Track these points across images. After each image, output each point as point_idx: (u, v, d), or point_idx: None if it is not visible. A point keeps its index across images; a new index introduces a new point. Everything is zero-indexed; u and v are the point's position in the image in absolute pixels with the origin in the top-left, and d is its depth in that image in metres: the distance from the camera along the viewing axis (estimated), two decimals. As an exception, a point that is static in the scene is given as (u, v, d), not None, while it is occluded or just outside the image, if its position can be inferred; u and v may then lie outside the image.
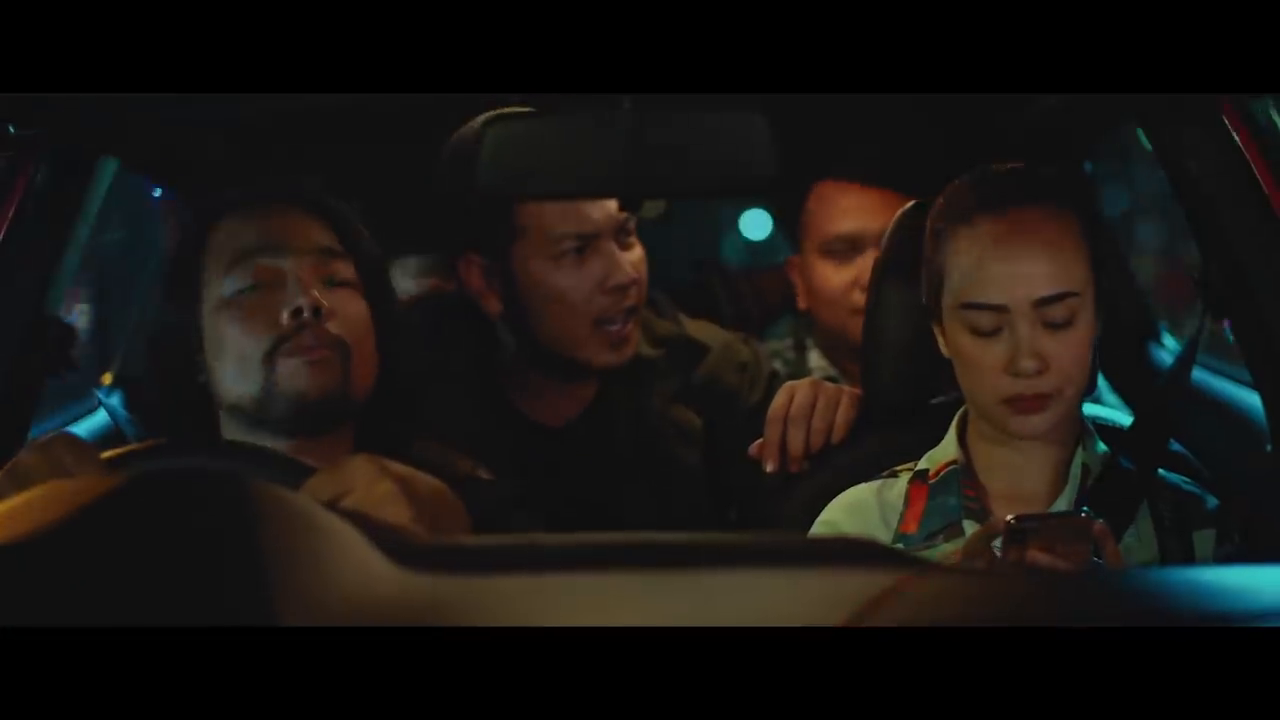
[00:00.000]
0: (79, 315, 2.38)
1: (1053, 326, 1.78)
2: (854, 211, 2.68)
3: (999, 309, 1.79)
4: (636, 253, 2.31)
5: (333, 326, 1.85)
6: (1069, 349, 1.79)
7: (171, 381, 1.94)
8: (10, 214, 2.12)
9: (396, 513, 1.61)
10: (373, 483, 1.63)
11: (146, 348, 2.03)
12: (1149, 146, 2.22)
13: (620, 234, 2.28)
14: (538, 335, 2.30)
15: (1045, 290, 1.78)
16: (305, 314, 1.83)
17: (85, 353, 2.60)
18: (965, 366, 1.84)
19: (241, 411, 1.89)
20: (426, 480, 1.70)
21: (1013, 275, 1.78)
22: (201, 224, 1.95)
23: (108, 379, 2.87)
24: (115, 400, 2.74)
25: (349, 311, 1.89)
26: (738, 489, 2.38)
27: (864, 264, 2.62)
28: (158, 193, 2.91)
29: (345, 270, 1.91)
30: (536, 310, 2.28)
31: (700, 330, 2.49)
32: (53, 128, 2.10)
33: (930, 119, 2.69)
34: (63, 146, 2.16)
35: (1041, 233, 1.79)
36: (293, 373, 1.83)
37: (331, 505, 1.58)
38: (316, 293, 1.85)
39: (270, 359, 1.84)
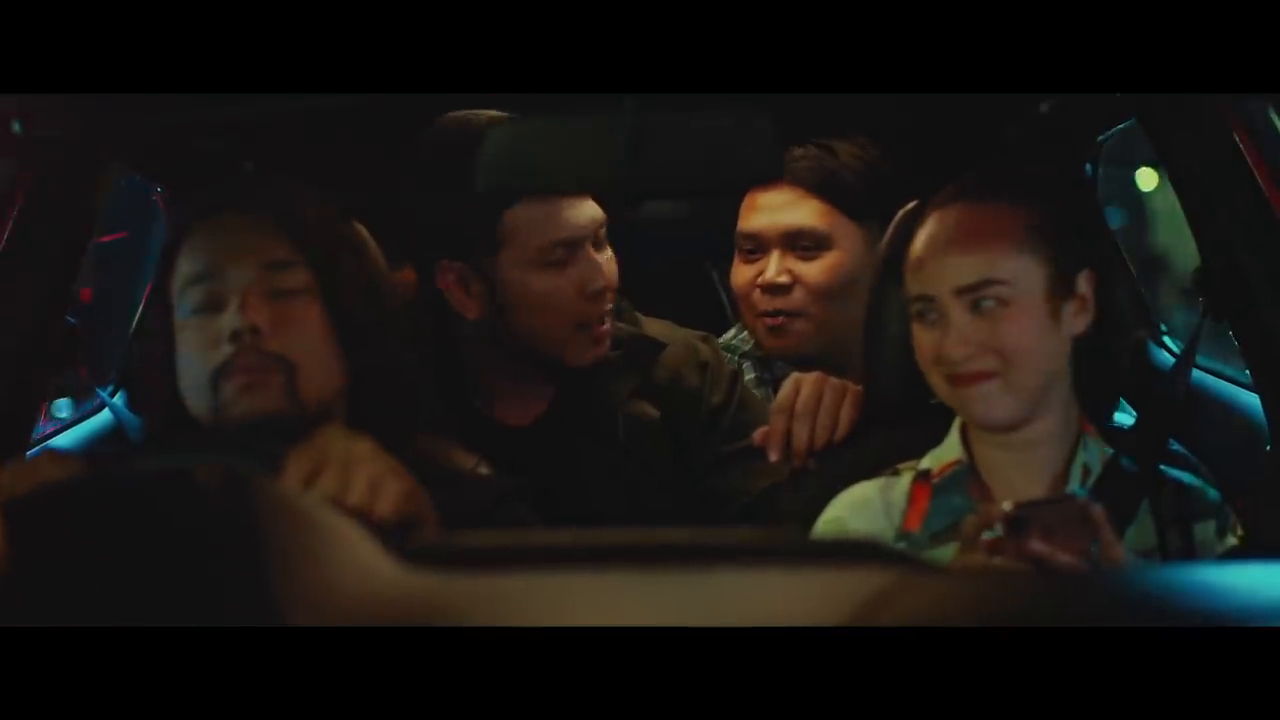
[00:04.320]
0: (83, 315, 2.38)
1: (982, 312, 1.82)
2: (761, 209, 2.57)
3: (928, 299, 1.84)
4: (608, 254, 2.32)
5: (275, 344, 1.86)
6: (1006, 333, 1.82)
7: (161, 390, 1.95)
8: (16, 213, 2.12)
9: (381, 467, 1.61)
10: (349, 443, 1.63)
11: (139, 352, 2.03)
12: (1150, 146, 2.22)
13: (597, 238, 2.29)
14: (518, 337, 2.30)
15: (967, 279, 1.82)
16: (244, 336, 1.85)
17: (89, 352, 2.60)
18: (919, 358, 1.87)
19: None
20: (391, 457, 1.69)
21: (940, 266, 1.84)
22: (168, 244, 1.96)
23: (112, 378, 2.87)
24: (119, 400, 2.75)
25: (297, 322, 1.89)
26: (702, 487, 2.37)
27: (766, 263, 2.54)
28: (159, 191, 2.91)
29: (296, 278, 1.90)
30: (519, 314, 2.28)
31: (658, 329, 2.47)
32: (58, 127, 2.10)
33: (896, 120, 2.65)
34: (68, 146, 2.16)
35: (973, 227, 1.84)
36: (236, 396, 1.85)
37: (317, 475, 1.58)
38: (257, 310, 1.86)
39: (215, 383, 1.86)
